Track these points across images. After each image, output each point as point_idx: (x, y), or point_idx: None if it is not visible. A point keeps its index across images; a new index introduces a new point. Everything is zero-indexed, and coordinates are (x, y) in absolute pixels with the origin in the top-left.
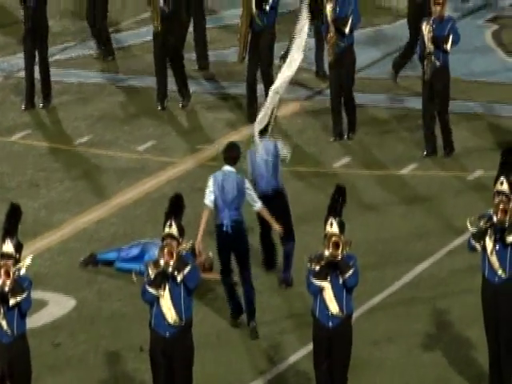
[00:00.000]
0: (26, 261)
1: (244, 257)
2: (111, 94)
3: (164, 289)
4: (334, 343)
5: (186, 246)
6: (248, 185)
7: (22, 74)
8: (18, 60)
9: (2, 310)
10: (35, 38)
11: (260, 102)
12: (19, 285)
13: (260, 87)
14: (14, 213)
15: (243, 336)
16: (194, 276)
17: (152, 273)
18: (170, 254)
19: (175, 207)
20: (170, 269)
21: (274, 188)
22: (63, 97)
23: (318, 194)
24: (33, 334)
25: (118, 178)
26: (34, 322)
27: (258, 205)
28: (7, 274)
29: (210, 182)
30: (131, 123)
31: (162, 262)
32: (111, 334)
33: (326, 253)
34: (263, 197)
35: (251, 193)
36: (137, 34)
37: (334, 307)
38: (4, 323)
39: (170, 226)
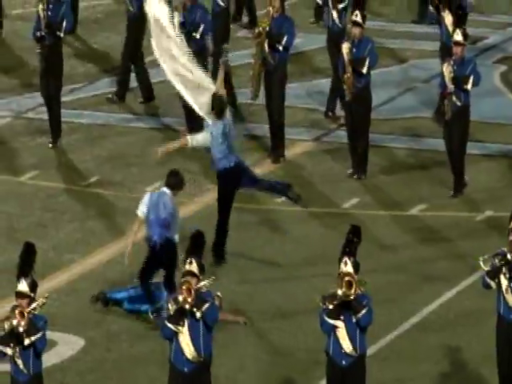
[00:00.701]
0: (41, 300)
1: (170, 274)
2: (119, 135)
3: (183, 325)
4: (346, 382)
5: (205, 283)
6: (175, 211)
7: (31, 114)
8: (27, 100)
9: (17, 350)
10: (50, 77)
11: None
12: (34, 324)
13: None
14: (29, 252)
15: (251, 377)
16: (213, 313)
17: (171, 309)
18: (189, 291)
19: (196, 244)
20: (188, 306)
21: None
22: (72, 137)
23: (328, 234)
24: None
25: (127, 219)
26: (43, 361)
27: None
28: (22, 314)
29: (146, 198)
30: (139, 164)
31: (181, 299)
32: (119, 376)
33: (340, 292)
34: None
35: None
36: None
37: (347, 346)
38: (20, 362)
39: (191, 263)
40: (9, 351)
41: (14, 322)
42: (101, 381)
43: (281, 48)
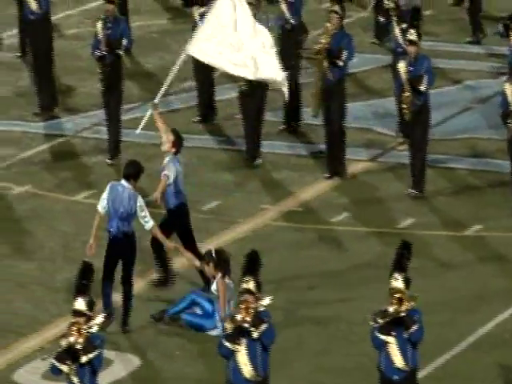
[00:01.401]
0: (98, 319)
1: (129, 267)
2: None
3: (241, 344)
4: None
5: (263, 302)
6: (141, 203)
7: (86, 133)
8: (83, 120)
9: (74, 367)
10: (111, 95)
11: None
12: (91, 342)
13: None
14: (86, 271)
15: None
16: (270, 333)
17: (229, 327)
18: (247, 310)
19: (253, 263)
20: (247, 325)
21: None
22: (126, 156)
23: (384, 254)
24: None
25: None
26: (98, 380)
27: (149, 224)
28: (79, 331)
29: (107, 191)
30: (196, 183)
31: (238, 318)
32: None
33: (391, 309)
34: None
35: (143, 211)
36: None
37: (399, 361)
38: (76, 380)
39: (248, 281)
40: (65, 369)
41: (71, 339)
42: None
43: (341, 63)
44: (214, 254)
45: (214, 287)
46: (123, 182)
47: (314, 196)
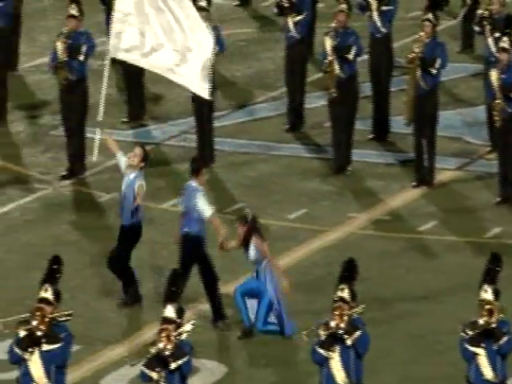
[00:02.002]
0: (187, 327)
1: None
2: (263, 162)
3: (334, 351)
4: None
5: (357, 309)
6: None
7: (174, 141)
8: (171, 128)
9: (163, 374)
10: (202, 104)
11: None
12: (180, 349)
13: None
14: (177, 279)
15: None
16: (364, 340)
17: (322, 334)
18: (341, 318)
19: (348, 271)
20: (341, 331)
21: (129, 223)
22: (215, 164)
23: (469, 263)
24: None
25: (269, 246)
26: None
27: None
28: (168, 338)
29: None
30: (284, 191)
31: (332, 324)
32: None
33: (481, 321)
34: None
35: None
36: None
37: (488, 373)
38: None
39: (343, 289)
40: (154, 375)
41: (161, 346)
42: None
43: (434, 72)
44: (250, 219)
45: (252, 255)
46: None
47: (401, 204)
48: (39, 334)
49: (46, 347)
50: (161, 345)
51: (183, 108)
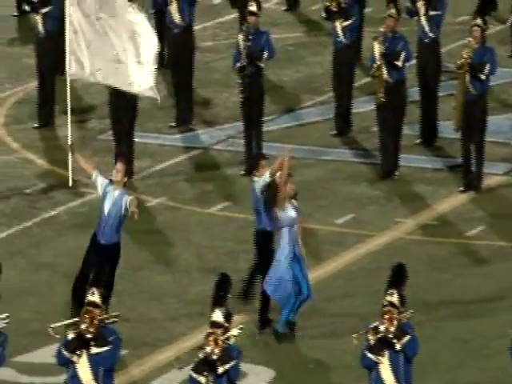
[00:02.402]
0: (235, 331)
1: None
2: (310, 167)
3: (384, 355)
4: None
5: (406, 314)
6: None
7: (221, 145)
8: (218, 132)
9: (211, 378)
10: (251, 107)
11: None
12: (228, 353)
13: None
14: (224, 282)
15: None
16: (413, 345)
17: (372, 339)
18: (391, 321)
19: (398, 276)
20: (390, 335)
21: (112, 242)
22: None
23: None
24: None
25: (316, 251)
26: None
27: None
28: (216, 342)
29: None
30: (331, 196)
31: (382, 328)
32: None
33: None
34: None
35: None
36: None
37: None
38: None
39: (392, 294)
40: (202, 380)
41: (208, 350)
42: None
43: (483, 77)
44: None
45: (292, 215)
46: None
47: (449, 209)
48: (88, 336)
49: (94, 350)
50: (208, 349)
51: (231, 112)
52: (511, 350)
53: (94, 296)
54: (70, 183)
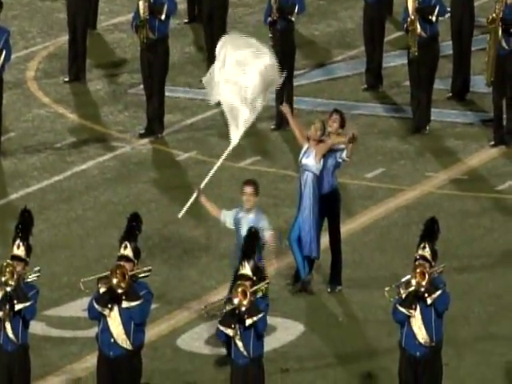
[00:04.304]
0: (263, 284)
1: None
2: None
3: (415, 309)
4: None
5: (437, 268)
6: None
7: None
8: None
9: (238, 331)
10: (283, 61)
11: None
12: (256, 306)
13: None
14: (253, 237)
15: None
16: (444, 299)
17: (404, 293)
18: (423, 275)
19: (430, 230)
20: (422, 289)
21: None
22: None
23: None
24: None
25: (347, 206)
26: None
27: None
28: (244, 294)
29: None
30: (362, 150)
31: (413, 283)
32: (338, 363)
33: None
34: None
35: None
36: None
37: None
38: (240, 344)
39: (424, 248)
40: (230, 332)
41: (236, 302)
42: (321, 368)
43: None
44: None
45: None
46: None
47: (479, 164)
48: (119, 291)
49: (125, 304)
50: (236, 301)
51: None
52: None
53: (126, 250)
54: (181, 215)
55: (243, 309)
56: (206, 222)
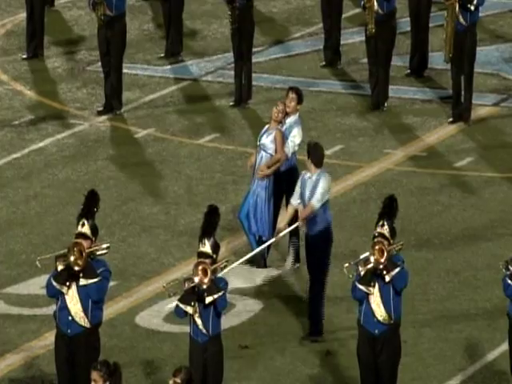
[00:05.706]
0: (222, 262)
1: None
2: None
3: (374, 286)
4: None
5: (395, 246)
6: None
7: (211, 77)
8: (207, 63)
9: (198, 309)
10: (241, 38)
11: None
12: (215, 284)
13: None
14: (213, 214)
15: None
16: (403, 277)
17: (362, 270)
18: (381, 253)
19: (389, 208)
20: (380, 267)
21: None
22: (252, 100)
23: (509, 199)
24: None
25: None
26: (221, 323)
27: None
28: (205, 272)
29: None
30: (321, 127)
31: (372, 260)
32: (297, 339)
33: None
34: None
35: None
36: None
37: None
38: (200, 322)
39: (382, 225)
40: (189, 310)
41: (196, 280)
42: (280, 344)
43: (472, 8)
44: None
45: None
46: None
47: (438, 141)
48: (77, 268)
49: (83, 282)
50: (197, 279)
51: (220, 44)
52: (504, 281)
53: (83, 227)
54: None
55: (204, 287)
56: (164, 199)
